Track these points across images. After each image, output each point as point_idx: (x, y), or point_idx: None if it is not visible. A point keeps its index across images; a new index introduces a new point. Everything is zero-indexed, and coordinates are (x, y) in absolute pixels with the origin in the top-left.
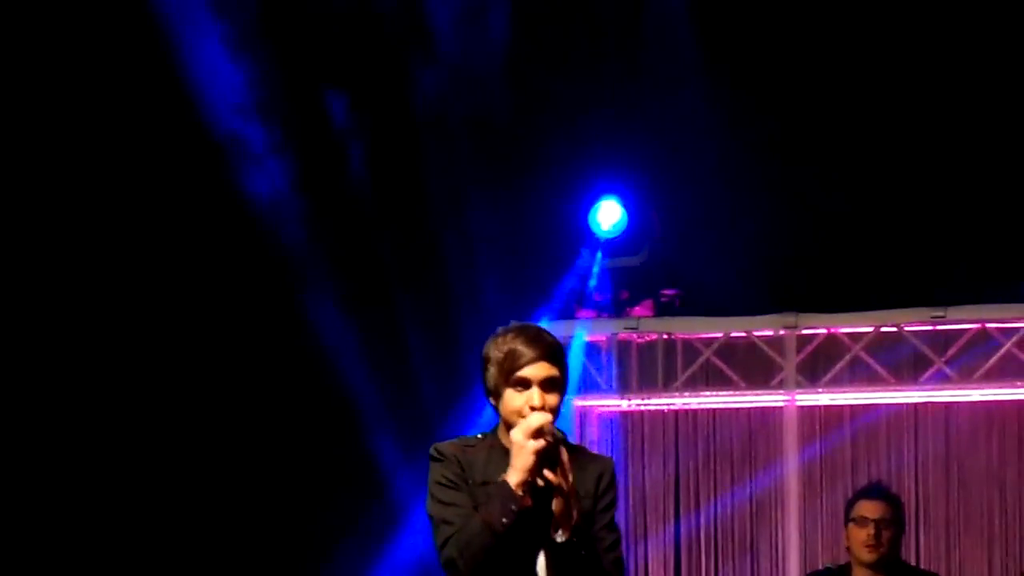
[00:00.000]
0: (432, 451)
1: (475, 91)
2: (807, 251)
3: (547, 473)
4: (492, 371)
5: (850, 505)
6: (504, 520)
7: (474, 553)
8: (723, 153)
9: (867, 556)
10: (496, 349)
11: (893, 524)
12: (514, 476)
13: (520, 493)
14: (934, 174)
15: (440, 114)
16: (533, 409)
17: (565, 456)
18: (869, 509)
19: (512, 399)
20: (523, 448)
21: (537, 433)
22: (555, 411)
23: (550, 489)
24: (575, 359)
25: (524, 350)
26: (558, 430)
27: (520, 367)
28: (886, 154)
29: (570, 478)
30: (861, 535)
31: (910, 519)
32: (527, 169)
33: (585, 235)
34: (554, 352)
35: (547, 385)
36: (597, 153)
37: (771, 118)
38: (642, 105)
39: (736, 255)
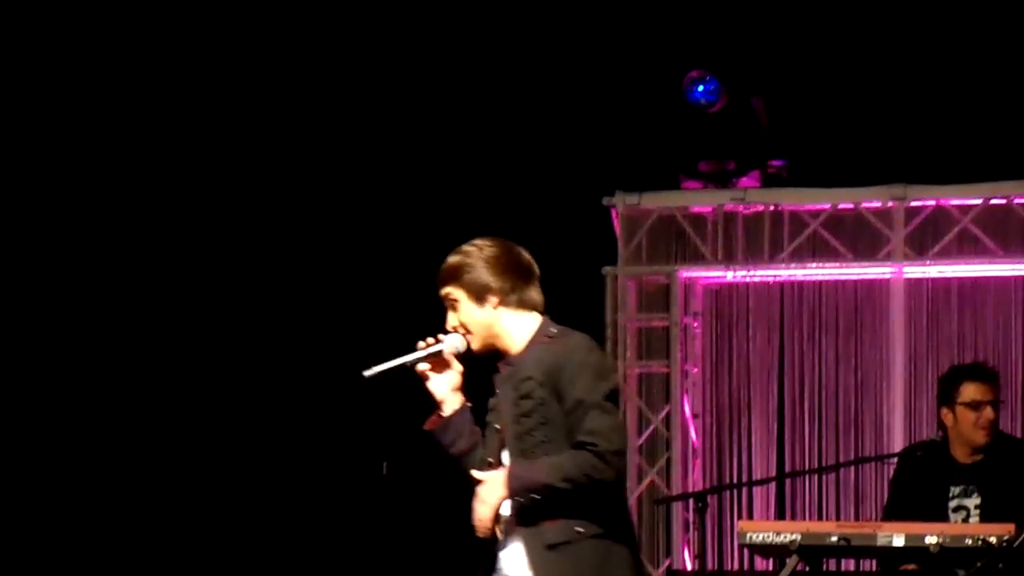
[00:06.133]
0: None
1: None
2: (916, 121)
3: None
4: None
5: (952, 385)
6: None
7: None
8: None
9: (982, 439)
10: None
11: (998, 403)
12: None
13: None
14: None
15: None
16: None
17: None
18: (981, 392)
19: None
20: None
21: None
22: (465, 325)
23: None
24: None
25: None
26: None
27: None
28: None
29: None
30: (975, 418)
31: (1017, 394)
32: None
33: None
34: (441, 276)
35: (448, 304)
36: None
37: None
38: None
39: (844, 125)
